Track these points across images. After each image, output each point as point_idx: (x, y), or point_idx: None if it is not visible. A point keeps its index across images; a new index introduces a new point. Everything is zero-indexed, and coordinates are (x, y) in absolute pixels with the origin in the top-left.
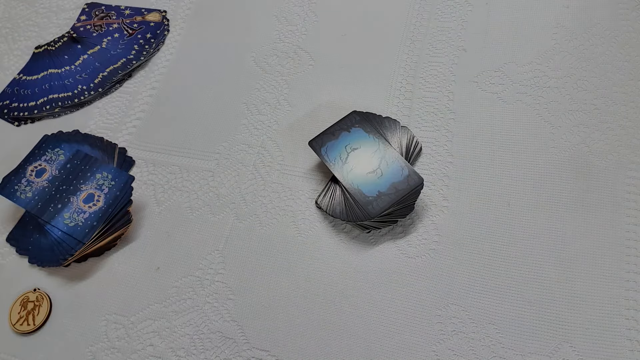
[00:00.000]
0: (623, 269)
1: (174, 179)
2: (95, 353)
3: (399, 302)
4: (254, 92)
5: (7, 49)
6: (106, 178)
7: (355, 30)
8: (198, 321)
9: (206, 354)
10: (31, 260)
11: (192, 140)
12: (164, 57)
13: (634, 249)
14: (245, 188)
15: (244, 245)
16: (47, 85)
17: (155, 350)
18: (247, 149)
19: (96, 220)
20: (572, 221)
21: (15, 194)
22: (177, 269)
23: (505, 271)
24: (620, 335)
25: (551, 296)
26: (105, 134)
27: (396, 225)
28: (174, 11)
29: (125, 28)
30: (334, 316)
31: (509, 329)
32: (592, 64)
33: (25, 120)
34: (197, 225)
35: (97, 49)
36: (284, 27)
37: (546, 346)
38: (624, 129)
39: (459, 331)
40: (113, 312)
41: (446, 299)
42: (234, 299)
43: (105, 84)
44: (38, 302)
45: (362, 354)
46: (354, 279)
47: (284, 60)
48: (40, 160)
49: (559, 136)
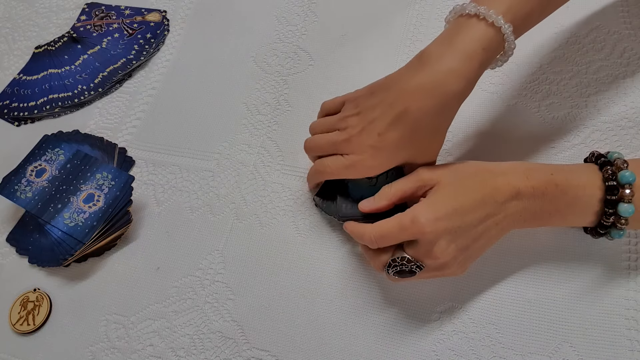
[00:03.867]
0: (623, 269)
1: (174, 179)
2: (95, 353)
3: (398, 302)
4: (254, 92)
5: (7, 49)
6: (106, 178)
7: (355, 30)
8: (198, 321)
9: (206, 354)
10: (31, 260)
11: (192, 140)
12: (164, 57)
13: (634, 248)
14: (245, 188)
15: (244, 245)
16: (47, 85)
17: (155, 350)
18: (247, 149)
19: (96, 220)
20: None
21: (15, 194)
22: (177, 269)
23: (506, 271)
24: (620, 335)
25: (551, 296)
26: (105, 134)
27: None
28: (174, 11)
29: (125, 28)
30: (334, 316)
31: (509, 329)
32: (592, 64)
33: (25, 120)
34: (197, 225)
35: (97, 49)
36: (284, 27)
37: (546, 346)
38: (624, 129)
39: (459, 331)
40: (113, 312)
41: (446, 299)
42: (234, 299)
43: (105, 84)
44: (38, 302)
45: (362, 354)
46: (353, 279)
47: (284, 60)
48: (40, 160)
49: (559, 136)
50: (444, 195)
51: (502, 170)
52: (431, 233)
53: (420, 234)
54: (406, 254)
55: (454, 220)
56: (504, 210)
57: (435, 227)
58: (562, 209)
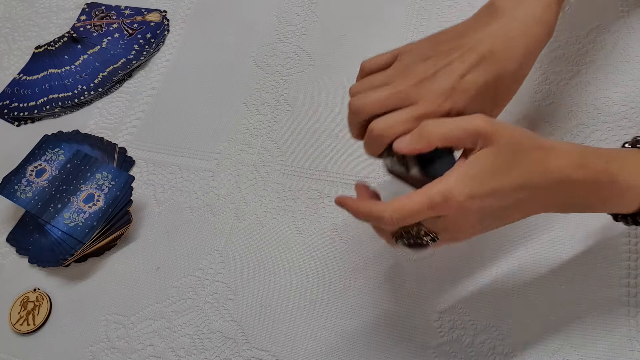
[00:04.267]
0: (623, 269)
1: (174, 179)
2: (95, 353)
3: (399, 301)
4: (254, 92)
5: (7, 49)
6: (106, 178)
7: (355, 30)
8: (198, 321)
9: (206, 354)
10: (31, 260)
11: (192, 140)
12: (164, 57)
13: (634, 248)
14: (245, 188)
15: (244, 245)
16: (47, 85)
17: (155, 350)
18: (247, 149)
19: (96, 220)
20: (572, 221)
21: (15, 194)
22: (177, 269)
23: (506, 271)
24: (620, 335)
25: (551, 296)
26: (105, 134)
27: None
28: (174, 11)
29: (125, 28)
30: (334, 316)
31: (508, 328)
32: (592, 64)
33: (25, 120)
34: (197, 225)
35: (97, 49)
36: (284, 27)
37: (546, 346)
38: (624, 129)
39: (458, 331)
40: (113, 312)
41: (446, 299)
42: (234, 299)
43: (105, 84)
44: (38, 302)
45: (362, 353)
46: (354, 279)
47: (284, 60)
48: (40, 160)
49: (559, 136)
50: (488, 169)
51: (557, 152)
52: (462, 210)
53: (449, 210)
54: (423, 225)
55: (489, 202)
56: (543, 196)
57: (467, 205)
58: (606, 198)
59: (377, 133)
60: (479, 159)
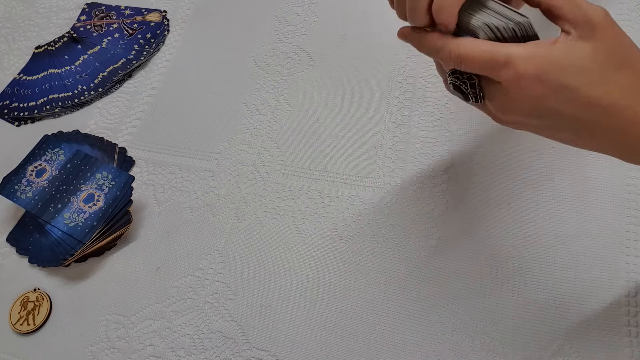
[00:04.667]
0: (623, 269)
1: (174, 179)
2: (95, 353)
3: (398, 302)
4: (254, 92)
5: (7, 49)
6: (106, 178)
7: (355, 30)
8: (198, 321)
9: (206, 354)
10: (31, 260)
11: (192, 140)
12: (164, 57)
13: (633, 249)
14: (245, 188)
15: (244, 245)
16: (47, 85)
17: (155, 350)
18: (247, 149)
19: (96, 220)
20: (572, 221)
21: (15, 194)
22: (177, 269)
23: (506, 271)
24: (620, 335)
25: (551, 296)
26: (105, 134)
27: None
28: (174, 11)
29: (125, 28)
30: (334, 316)
31: (509, 328)
32: None
33: (25, 120)
34: (197, 225)
35: (97, 49)
36: (284, 27)
37: (546, 346)
38: None
39: (459, 331)
40: (113, 312)
41: (446, 299)
42: (234, 299)
43: (105, 84)
44: (38, 302)
45: (362, 354)
46: (354, 279)
47: (284, 60)
48: (40, 160)
49: None
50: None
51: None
52: (517, 85)
53: (506, 76)
54: (477, 79)
55: (553, 99)
56: (600, 131)
57: (525, 83)
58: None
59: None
60: (570, 42)
